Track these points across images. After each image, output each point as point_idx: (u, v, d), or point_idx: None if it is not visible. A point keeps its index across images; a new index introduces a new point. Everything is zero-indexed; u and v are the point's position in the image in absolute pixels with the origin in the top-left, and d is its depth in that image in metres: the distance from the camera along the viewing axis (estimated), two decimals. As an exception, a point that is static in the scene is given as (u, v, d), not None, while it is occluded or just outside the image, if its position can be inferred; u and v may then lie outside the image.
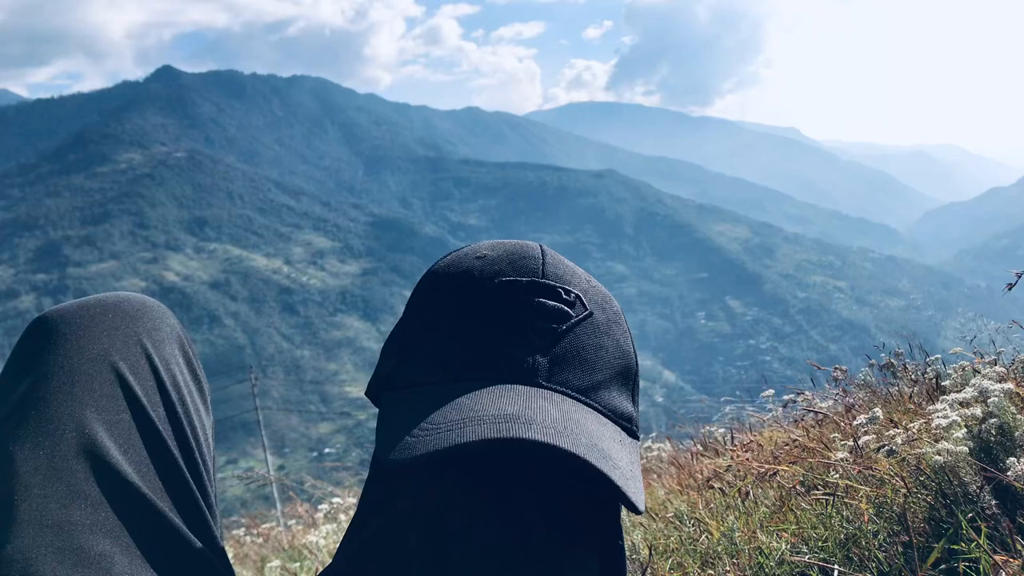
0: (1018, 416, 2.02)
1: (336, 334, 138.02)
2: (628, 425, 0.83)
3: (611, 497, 0.73)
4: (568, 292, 0.84)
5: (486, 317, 0.81)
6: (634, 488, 0.70)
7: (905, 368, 3.68)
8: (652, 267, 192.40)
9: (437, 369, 0.80)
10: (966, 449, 1.88)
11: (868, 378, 3.88)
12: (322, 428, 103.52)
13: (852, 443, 2.33)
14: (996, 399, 2.01)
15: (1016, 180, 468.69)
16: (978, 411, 2.01)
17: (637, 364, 0.88)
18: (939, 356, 4.05)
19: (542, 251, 0.88)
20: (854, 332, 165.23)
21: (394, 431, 0.73)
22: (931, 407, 2.19)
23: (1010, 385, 2.12)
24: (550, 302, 0.82)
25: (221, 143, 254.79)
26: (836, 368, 4.21)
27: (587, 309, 0.84)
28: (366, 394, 0.92)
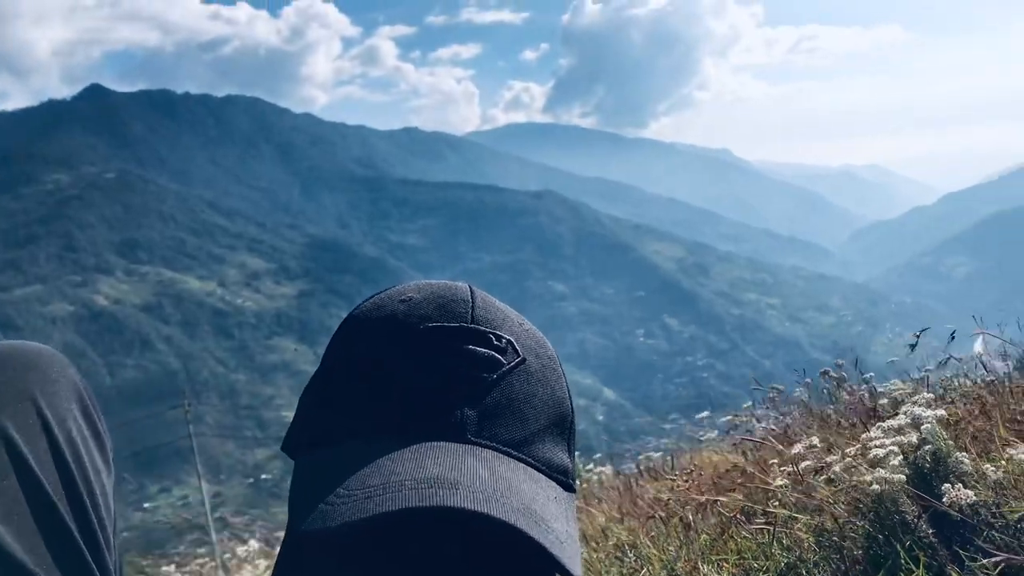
0: (951, 442, 2.03)
1: (272, 358, 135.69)
2: (564, 479, 0.78)
3: (546, 565, 0.66)
4: (499, 338, 0.79)
5: (411, 367, 0.75)
6: (570, 553, 0.65)
7: (839, 387, 3.81)
8: (591, 286, 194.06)
9: (357, 424, 0.74)
10: (902, 477, 1.85)
11: (804, 398, 4.01)
12: (259, 454, 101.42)
13: (791, 469, 2.31)
14: (929, 426, 2.00)
15: (937, 199, 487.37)
16: (913, 438, 2.00)
17: (573, 411, 0.83)
18: (872, 374, 4.20)
19: (472, 293, 0.83)
20: (787, 348, 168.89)
21: (308, 497, 0.68)
22: (866, 434, 2.18)
23: (942, 411, 2.13)
24: (480, 349, 0.76)
25: (153, 163, 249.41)
26: (772, 388, 4.33)
27: (519, 355, 0.79)
28: (282, 449, 0.86)
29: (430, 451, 0.68)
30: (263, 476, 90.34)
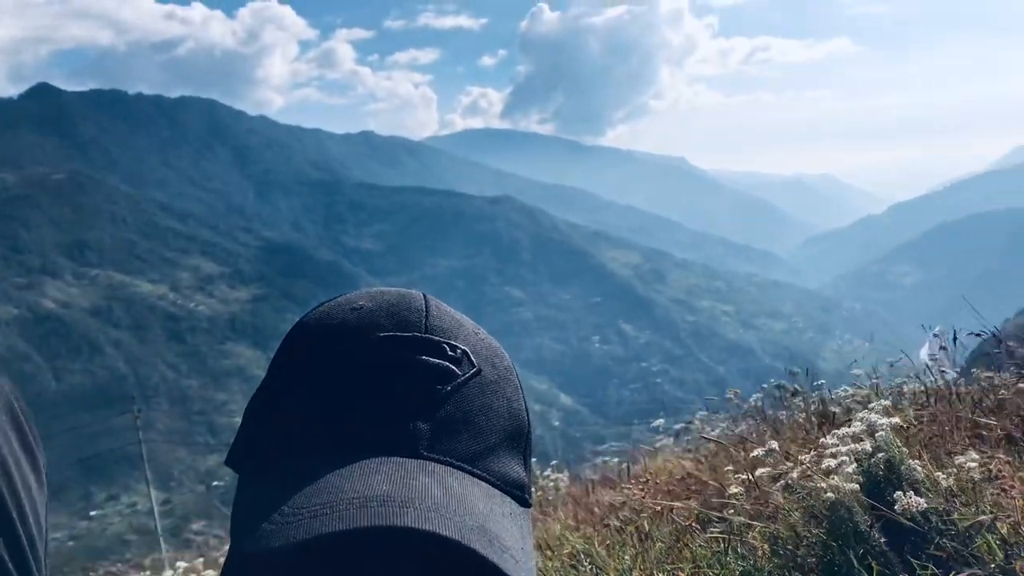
0: (904, 450, 2.07)
1: (225, 362, 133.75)
2: (519, 494, 0.75)
3: None
4: (454, 348, 0.76)
5: (361, 378, 0.72)
6: (525, 572, 0.63)
7: (795, 394, 3.86)
8: (548, 292, 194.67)
9: (304, 438, 0.71)
10: (856, 486, 1.87)
11: (759, 403, 4.05)
12: (210, 460, 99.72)
13: (746, 477, 2.33)
14: (883, 434, 2.03)
15: (885, 209, 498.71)
16: (867, 445, 2.03)
17: (529, 423, 0.81)
18: (823, 381, 4.27)
19: (426, 302, 0.80)
20: (741, 354, 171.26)
21: (252, 515, 0.64)
22: (822, 440, 2.22)
23: (896, 419, 2.15)
24: (433, 360, 0.73)
25: (103, 164, 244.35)
26: (731, 391, 4.37)
27: (475, 366, 0.76)
28: (226, 463, 0.82)
29: (381, 467, 0.65)
30: (215, 483, 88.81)
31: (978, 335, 4.27)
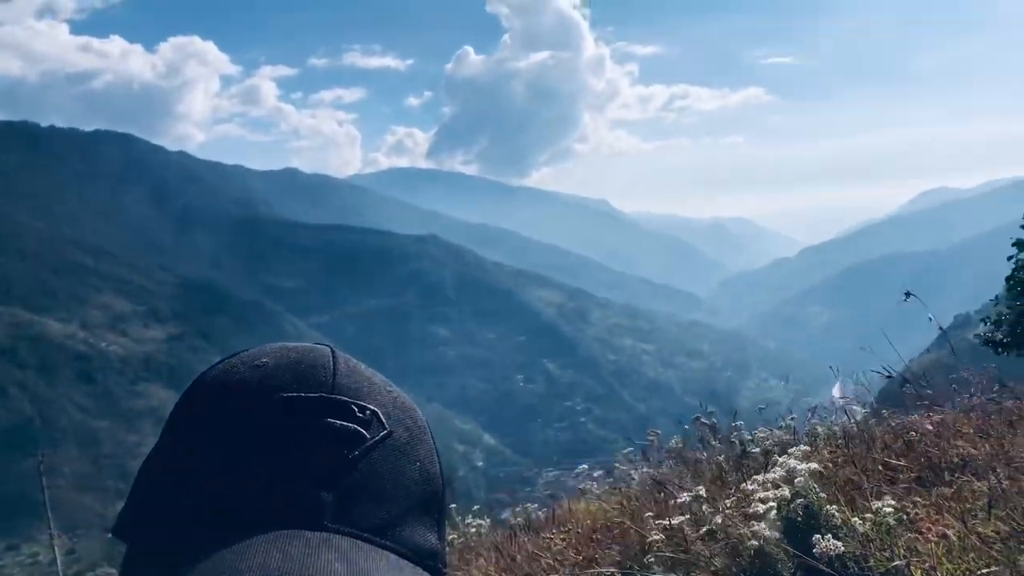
0: (823, 495, 2.09)
1: (138, 403, 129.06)
2: (432, 563, 0.70)
3: None
4: (363, 408, 0.70)
5: (262, 443, 0.67)
6: None
7: (713, 433, 3.96)
8: (473, 331, 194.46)
9: (199, 509, 0.65)
10: (778, 533, 1.88)
11: (680, 444, 4.14)
12: (120, 507, 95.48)
13: (668, 523, 2.33)
14: (802, 479, 2.04)
15: (798, 252, 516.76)
16: (787, 492, 2.04)
17: (444, 486, 0.75)
18: (741, 423, 4.39)
19: (334, 358, 0.75)
20: (661, 393, 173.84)
21: None
22: (744, 485, 2.24)
23: (814, 464, 2.19)
24: (340, 422, 0.68)
25: (12, 198, 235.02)
26: (652, 433, 4.45)
27: (385, 428, 0.71)
28: (113, 533, 0.77)
29: (280, 542, 0.60)
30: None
31: (888, 377, 4.46)
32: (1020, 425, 3.18)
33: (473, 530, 4.22)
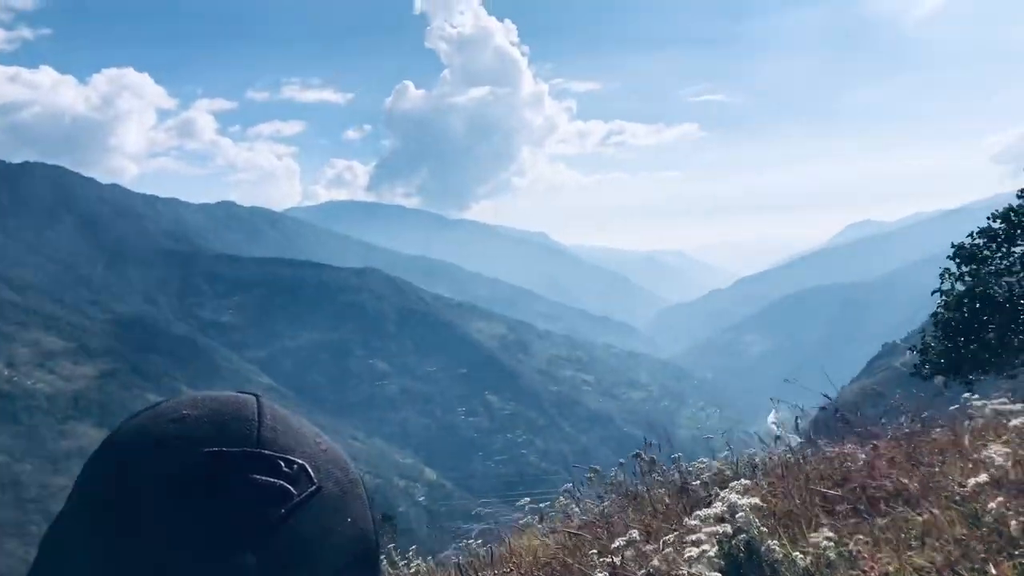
0: (764, 530, 2.08)
1: (66, 444, 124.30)
2: None
3: None
4: (290, 463, 0.65)
5: (181, 504, 0.62)
6: None
7: (652, 465, 4.00)
8: (414, 364, 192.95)
9: None
10: (719, 574, 1.87)
11: (620, 478, 4.17)
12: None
13: (610, 560, 2.31)
14: (743, 514, 2.05)
15: (732, 283, 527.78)
16: (728, 528, 2.04)
17: (378, 541, 0.71)
18: (680, 454, 4.45)
19: (259, 409, 0.70)
20: (602, 423, 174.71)
21: None
22: (685, 520, 2.25)
23: (755, 499, 2.18)
24: (266, 478, 0.64)
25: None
26: (592, 468, 4.48)
27: (314, 483, 0.66)
28: None
29: None
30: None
31: (823, 409, 4.58)
32: (949, 453, 3.30)
33: (413, 570, 4.18)
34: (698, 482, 3.20)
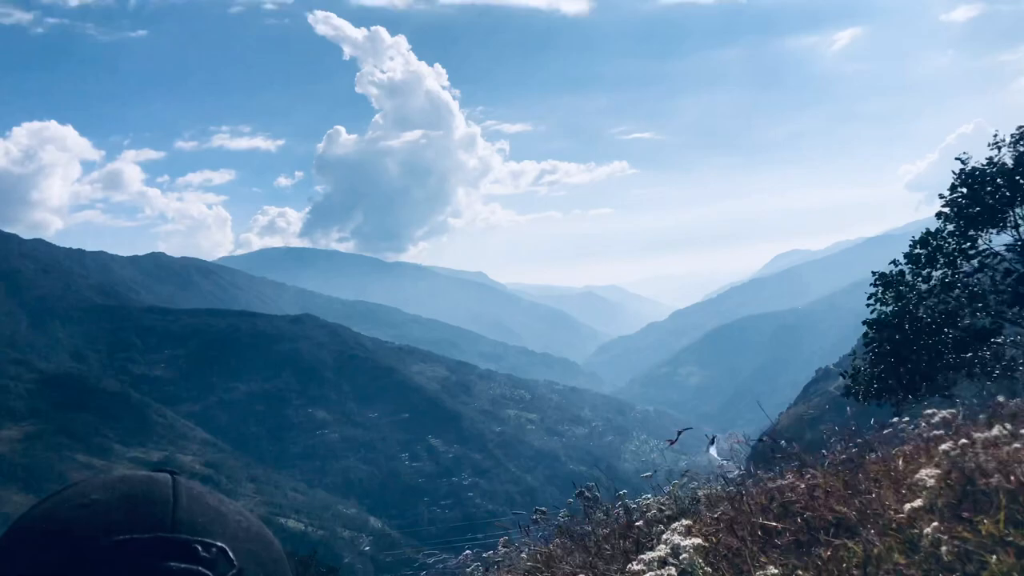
0: (708, 569, 2.09)
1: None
2: None
3: None
4: (208, 546, 0.62)
5: None
6: None
7: (597, 506, 4.01)
8: (354, 411, 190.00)
9: None
10: None
11: (565, 518, 4.17)
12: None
13: None
14: (687, 555, 2.04)
15: (668, 316, 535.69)
16: (673, 571, 2.04)
17: None
18: (625, 491, 4.47)
19: (174, 488, 0.64)
20: (547, 461, 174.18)
21: None
22: (630, 567, 2.20)
23: (698, 539, 2.19)
24: (181, 565, 0.60)
25: None
26: (537, 511, 4.47)
27: (235, 566, 0.62)
28: None
29: None
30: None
31: (761, 439, 4.67)
32: (883, 480, 3.40)
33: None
34: (643, 520, 3.19)
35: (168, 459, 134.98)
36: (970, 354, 15.96)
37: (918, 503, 2.87)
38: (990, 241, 16.87)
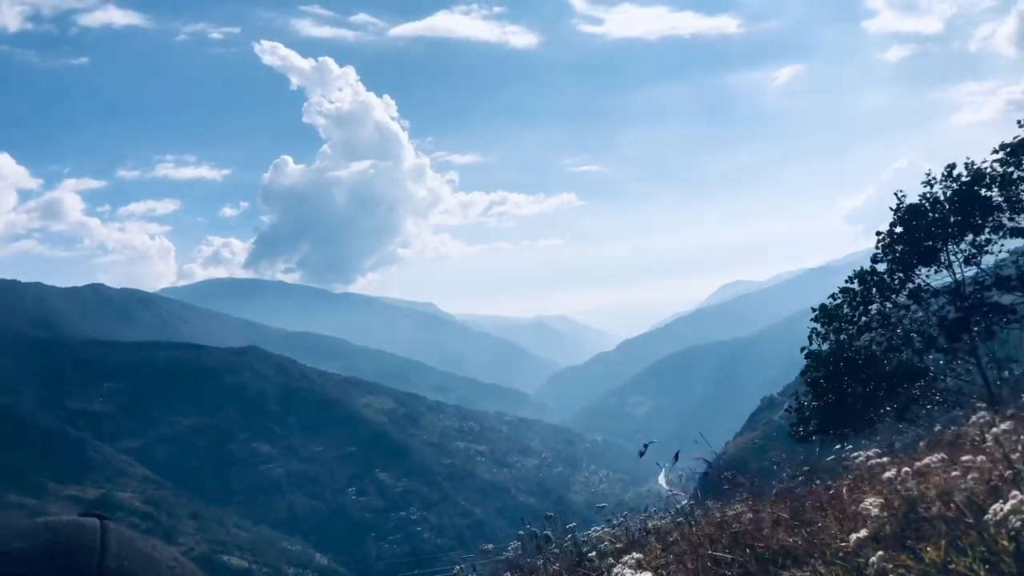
0: None
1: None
2: None
3: None
4: None
5: None
6: None
7: (547, 541, 3.99)
8: (300, 445, 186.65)
9: None
10: None
11: (516, 553, 4.14)
12: None
13: None
14: None
15: (616, 346, 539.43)
16: None
17: None
18: (576, 523, 4.46)
19: (103, 534, 0.60)
20: (496, 493, 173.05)
21: None
22: None
23: (648, 574, 2.23)
24: None
25: None
26: (484, 545, 4.43)
27: None
28: None
29: None
30: None
31: (708, 472, 4.71)
32: (830, 508, 3.46)
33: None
34: (594, 553, 3.19)
35: (106, 496, 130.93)
36: (900, 392, 16.30)
37: (863, 533, 2.89)
38: (926, 278, 17.35)
